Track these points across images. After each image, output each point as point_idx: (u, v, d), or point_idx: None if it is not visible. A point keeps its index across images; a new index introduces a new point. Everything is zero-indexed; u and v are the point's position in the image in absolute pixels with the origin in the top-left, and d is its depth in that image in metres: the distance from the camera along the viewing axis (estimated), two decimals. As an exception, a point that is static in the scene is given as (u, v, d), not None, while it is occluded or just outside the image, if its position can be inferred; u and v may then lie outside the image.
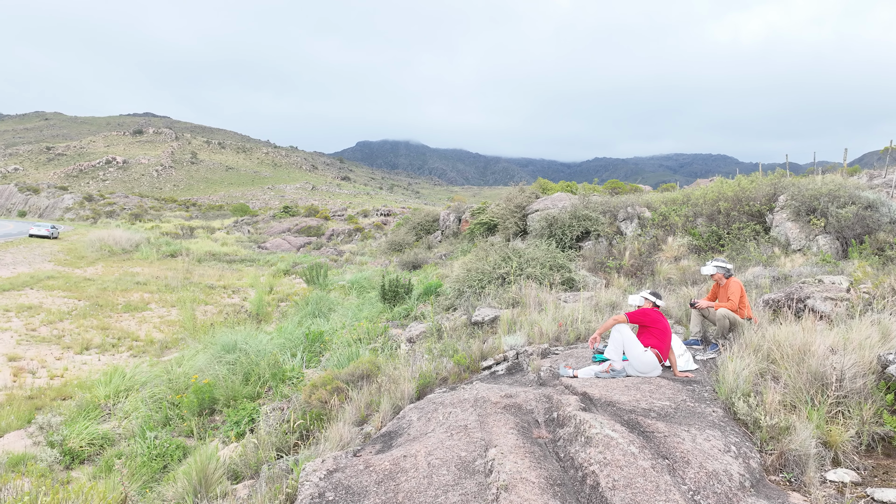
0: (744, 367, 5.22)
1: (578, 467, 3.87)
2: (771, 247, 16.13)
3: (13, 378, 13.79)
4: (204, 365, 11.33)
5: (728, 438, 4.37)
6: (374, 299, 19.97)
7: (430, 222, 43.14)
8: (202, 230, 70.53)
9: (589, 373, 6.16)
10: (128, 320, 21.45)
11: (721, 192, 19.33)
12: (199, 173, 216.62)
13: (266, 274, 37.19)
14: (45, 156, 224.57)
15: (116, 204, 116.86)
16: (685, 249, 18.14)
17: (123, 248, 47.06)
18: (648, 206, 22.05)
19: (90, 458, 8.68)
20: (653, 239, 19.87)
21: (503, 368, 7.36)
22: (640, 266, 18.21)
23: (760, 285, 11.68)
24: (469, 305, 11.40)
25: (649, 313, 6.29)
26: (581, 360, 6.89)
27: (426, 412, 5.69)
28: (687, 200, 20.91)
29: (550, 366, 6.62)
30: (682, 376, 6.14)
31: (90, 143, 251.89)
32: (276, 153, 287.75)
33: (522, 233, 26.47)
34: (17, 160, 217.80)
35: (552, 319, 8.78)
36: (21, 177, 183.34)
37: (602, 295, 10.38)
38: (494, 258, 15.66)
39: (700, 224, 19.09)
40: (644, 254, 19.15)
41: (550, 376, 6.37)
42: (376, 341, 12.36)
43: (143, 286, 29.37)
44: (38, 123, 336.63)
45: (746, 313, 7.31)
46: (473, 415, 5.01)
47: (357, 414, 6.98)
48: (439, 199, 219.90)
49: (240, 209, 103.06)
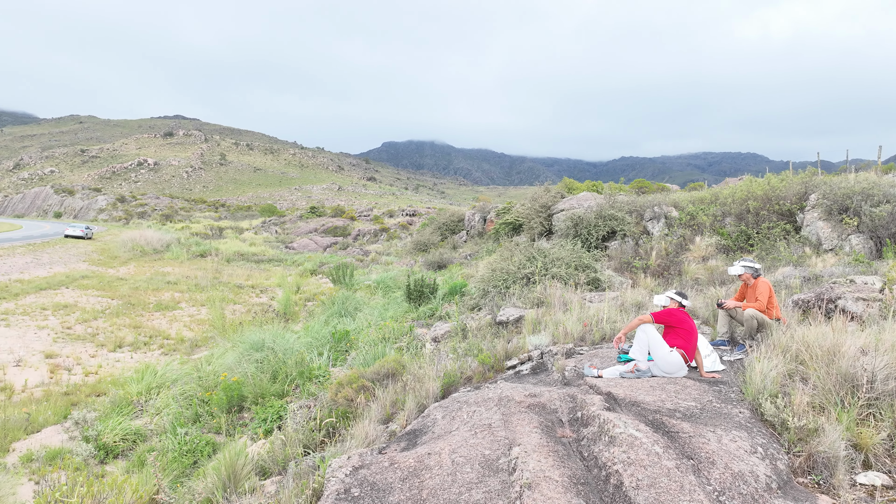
0: (771, 368, 5.16)
1: (602, 466, 3.88)
2: (801, 247, 15.84)
3: (50, 374, 14.18)
4: (233, 363, 11.53)
5: (755, 439, 4.33)
6: (399, 299, 20.09)
7: (456, 222, 43.20)
8: (231, 230, 71.61)
9: (614, 373, 6.14)
10: (159, 319, 21.89)
11: (750, 190, 19.02)
12: (227, 174, 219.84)
13: (293, 274, 37.61)
14: (80, 158, 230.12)
15: (148, 205, 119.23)
16: (713, 249, 17.90)
17: (154, 249, 48.02)
18: (675, 205, 21.80)
19: (123, 453, 8.90)
20: (680, 239, 19.64)
21: (528, 368, 7.37)
22: (667, 266, 18.02)
23: (790, 286, 11.49)
24: (494, 305, 11.41)
25: (675, 313, 6.24)
26: (606, 361, 6.87)
27: (450, 411, 5.73)
28: (715, 199, 20.62)
29: (575, 366, 6.61)
30: (709, 377, 6.08)
31: (122, 145, 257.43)
32: (303, 154, 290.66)
33: (548, 233, 26.37)
34: (53, 163, 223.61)
35: (577, 319, 8.75)
36: (57, 179, 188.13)
37: (628, 295, 10.31)
38: (519, 258, 15.64)
39: (728, 223, 18.82)
40: (671, 254, 18.95)
41: (575, 376, 6.37)
42: (401, 340, 12.44)
43: (173, 286, 29.94)
44: (73, 127, 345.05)
45: (775, 314, 7.21)
46: (497, 413, 5.04)
47: (382, 412, 7.05)
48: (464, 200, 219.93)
49: (267, 210, 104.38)
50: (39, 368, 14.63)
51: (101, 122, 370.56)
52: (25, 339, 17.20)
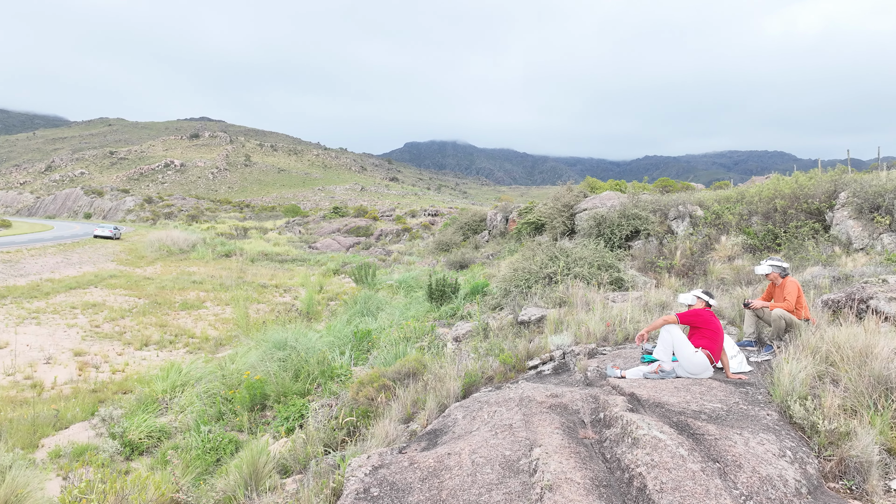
0: (800, 370, 5.01)
1: (625, 469, 3.80)
2: (831, 246, 15.50)
3: (79, 372, 14.44)
4: (256, 361, 11.62)
5: (783, 442, 4.21)
6: (421, 299, 20.09)
7: (478, 222, 43.10)
8: (255, 231, 72.39)
9: (637, 373, 6.03)
10: (184, 318, 22.18)
11: (777, 189, 18.66)
12: (252, 175, 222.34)
13: (316, 273, 37.88)
14: (109, 160, 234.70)
15: (174, 206, 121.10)
16: (739, 249, 17.61)
17: (181, 249, 48.73)
18: (701, 204, 21.48)
19: (149, 450, 9.02)
20: (705, 238, 19.35)
21: (549, 368, 7.29)
22: (692, 266, 17.77)
23: (819, 285, 11.24)
24: (515, 305, 11.33)
25: (701, 314, 6.10)
26: (629, 361, 6.75)
27: (471, 411, 5.69)
28: (741, 198, 20.27)
29: (598, 366, 6.52)
30: (735, 378, 5.94)
31: (150, 147, 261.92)
32: (326, 155, 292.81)
33: (570, 232, 26.17)
34: (83, 164, 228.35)
35: (599, 319, 8.64)
36: (87, 180, 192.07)
37: (651, 295, 10.16)
38: (541, 258, 15.53)
39: (755, 223, 18.49)
40: (696, 253, 18.67)
41: (597, 377, 6.27)
42: (423, 340, 12.42)
43: (198, 285, 30.34)
44: (103, 129, 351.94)
45: (804, 314, 7.02)
46: (518, 414, 4.98)
47: (403, 411, 7.03)
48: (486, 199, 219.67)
49: (291, 210, 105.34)
50: (68, 366, 14.91)
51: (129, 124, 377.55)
52: (55, 338, 17.55)
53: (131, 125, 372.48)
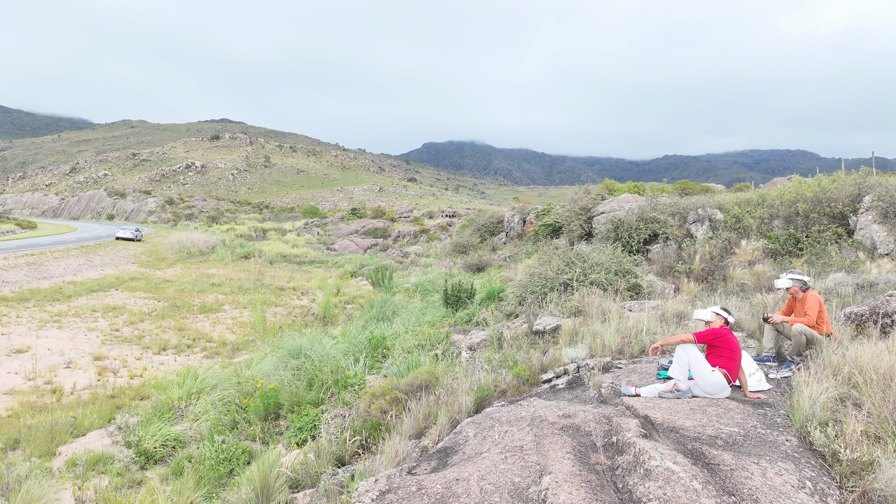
0: (821, 392, 4.84)
1: (637, 502, 3.70)
2: (854, 251, 15.16)
3: (98, 377, 14.60)
4: (270, 369, 11.64)
5: (803, 472, 4.07)
6: (437, 303, 20.03)
7: (495, 224, 42.93)
8: (274, 232, 72.94)
9: (652, 391, 5.89)
10: (202, 321, 22.36)
11: (799, 192, 18.30)
12: (271, 176, 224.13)
13: (334, 276, 38.01)
14: (132, 161, 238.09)
15: (195, 207, 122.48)
16: (760, 253, 17.31)
17: (200, 250, 49.21)
18: (720, 207, 21.15)
19: (163, 459, 9.07)
20: (725, 242, 19.05)
21: (563, 382, 7.18)
22: (712, 271, 17.51)
23: (842, 294, 10.98)
24: (531, 314, 11.23)
25: (719, 333, 5.92)
26: (644, 377, 6.62)
27: (483, 428, 5.61)
28: (762, 201, 19.92)
29: (612, 382, 6.39)
30: (753, 397, 5.78)
31: (171, 148, 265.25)
32: (345, 156, 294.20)
33: (587, 235, 25.93)
34: (106, 166, 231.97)
35: (615, 331, 8.51)
36: (110, 182, 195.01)
37: (669, 305, 9.99)
38: (558, 263, 15.39)
39: (776, 226, 18.17)
40: (715, 258, 18.40)
41: (612, 394, 6.15)
42: (437, 347, 12.36)
43: (217, 288, 30.59)
44: (126, 131, 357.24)
45: (825, 329, 6.83)
46: (530, 435, 4.89)
47: (415, 426, 6.97)
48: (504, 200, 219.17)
49: (310, 211, 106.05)
50: (88, 371, 15.09)
51: (151, 126, 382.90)
52: (76, 342, 17.78)
53: (153, 127, 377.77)
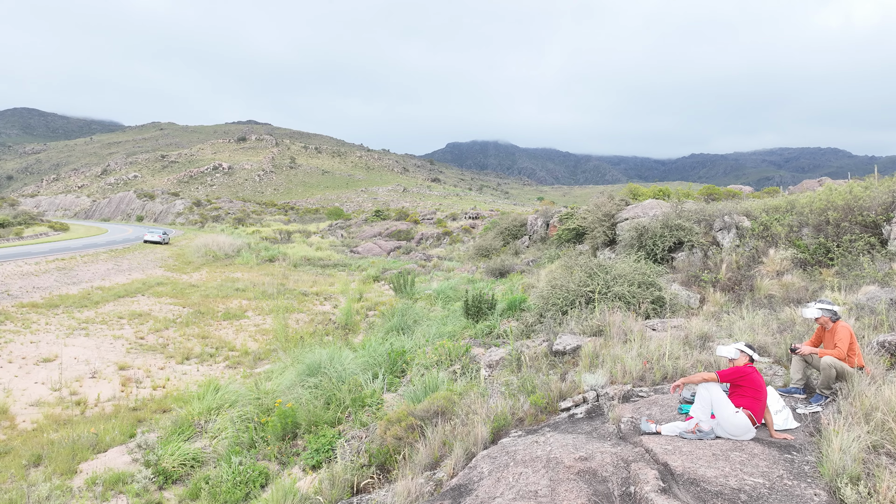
0: (852, 441, 4.61)
1: (653, 568, 3.54)
2: (889, 262, 14.66)
3: (121, 388, 14.77)
4: (289, 384, 11.65)
5: (831, 532, 3.87)
6: (458, 312, 19.92)
7: (518, 227, 42.69)
8: (299, 234, 73.56)
9: (673, 430, 5.69)
10: (226, 328, 22.55)
11: (830, 200, 17.76)
12: (297, 177, 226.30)
13: (356, 280, 38.14)
14: (160, 163, 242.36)
15: (222, 208, 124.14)
16: (789, 263, 16.84)
17: (226, 254, 49.78)
18: (748, 214, 20.65)
19: (181, 479, 9.09)
20: (752, 251, 18.60)
21: (582, 412, 7.01)
22: (739, 280, 17.12)
23: (876, 310, 10.59)
24: (551, 331, 11.06)
25: (744, 371, 5.68)
26: (665, 410, 6.41)
27: (498, 465, 5.48)
28: (791, 208, 19.39)
29: (632, 417, 6.20)
30: (780, 437, 5.55)
31: (199, 150, 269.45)
32: (369, 156, 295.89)
33: (611, 242, 25.60)
34: (136, 168, 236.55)
35: (637, 355, 8.30)
36: (140, 183, 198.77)
37: (693, 325, 9.73)
38: (580, 275, 15.17)
39: (806, 235, 17.67)
40: (742, 267, 17.97)
41: (631, 429, 5.96)
42: (457, 363, 12.25)
43: (241, 293, 30.87)
44: (155, 133, 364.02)
45: (857, 362, 6.54)
46: (545, 479, 4.75)
47: (430, 455, 6.87)
48: (528, 200, 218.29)
49: (334, 213, 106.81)
50: (112, 381, 15.27)
51: (179, 128, 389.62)
52: (101, 350, 18.04)
53: (181, 129, 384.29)
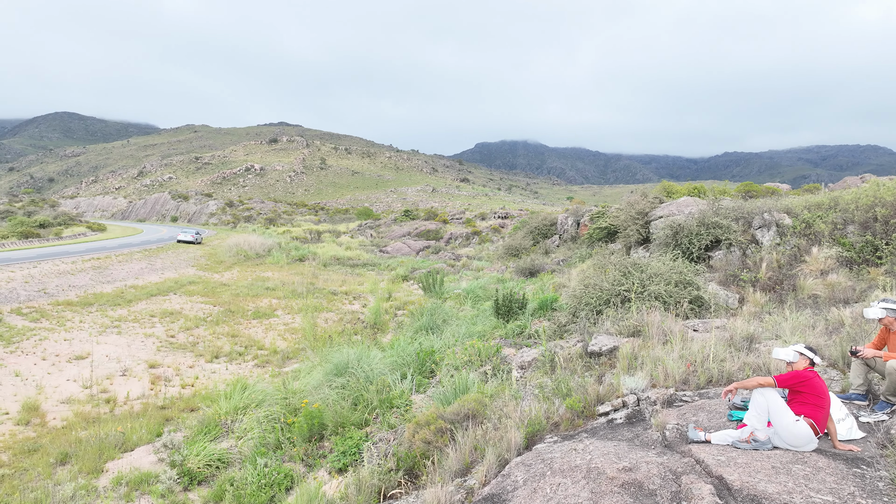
0: (931, 455, 4.16)
1: None
2: (945, 262, 13.89)
3: (151, 386, 14.77)
4: (316, 384, 11.44)
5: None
6: (488, 311, 19.55)
7: (548, 226, 42.10)
8: (328, 234, 73.91)
9: (725, 438, 5.25)
10: (255, 327, 22.55)
11: (877, 195, 16.93)
12: (327, 178, 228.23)
13: (385, 279, 38.01)
14: (194, 165, 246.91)
15: (253, 209, 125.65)
16: (833, 262, 16.08)
17: (257, 253, 50.17)
18: (788, 211, 19.85)
19: (206, 480, 8.93)
20: (794, 249, 17.85)
21: (622, 416, 6.61)
22: (780, 280, 16.42)
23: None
24: (585, 331, 10.64)
25: (804, 376, 5.20)
26: (713, 416, 5.97)
27: (533, 474, 5.13)
28: (834, 205, 18.56)
29: (678, 423, 5.78)
30: (845, 449, 5.08)
31: (232, 152, 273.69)
32: (398, 157, 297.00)
33: (644, 241, 24.94)
34: (171, 170, 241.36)
35: (679, 357, 7.84)
36: (174, 185, 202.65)
37: (738, 325, 9.22)
38: (614, 274, 14.68)
39: (851, 233, 16.87)
40: (784, 266, 17.24)
41: (677, 437, 5.55)
42: (487, 363, 11.90)
43: (271, 292, 30.94)
44: (189, 136, 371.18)
45: (927, 366, 6.02)
46: (586, 490, 4.38)
47: (460, 460, 6.54)
48: (558, 199, 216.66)
49: (364, 213, 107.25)
50: (142, 379, 15.29)
51: (213, 130, 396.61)
52: (132, 348, 18.13)
53: (215, 131, 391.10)
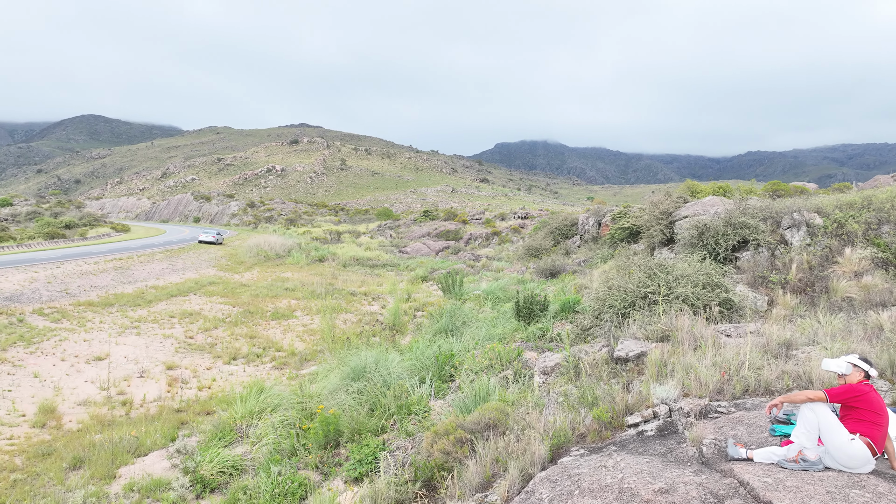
0: None
1: None
2: None
3: (167, 388, 14.64)
4: (333, 389, 11.17)
5: None
6: (508, 313, 19.17)
7: (569, 226, 41.54)
8: (348, 234, 73.96)
9: (769, 456, 4.84)
10: (274, 328, 22.41)
11: (915, 194, 16.30)
12: (347, 179, 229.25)
13: (405, 280, 37.77)
14: (217, 166, 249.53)
15: (274, 210, 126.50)
16: (868, 263, 15.46)
17: (277, 254, 50.29)
18: (818, 210, 19.18)
19: (219, 488, 8.70)
20: (825, 250, 17.23)
21: (653, 428, 6.22)
22: (811, 281, 15.84)
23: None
24: (610, 335, 10.24)
25: (860, 391, 4.71)
26: (753, 430, 5.56)
27: (560, 493, 4.78)
28: (868, 204, 17.90)
29: (715, 438, 5.38)
30: (903, 470, 4.65)
31: (253, 153, 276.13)
32: (418, 157, 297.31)
33: (669, 241, 24.37)
34: (193, 171, 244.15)
35: (711, 364, 7.42)
36: (197, 186, 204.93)
37: (774, 331, 8.75)
38: (638, 275, 14.22)
39: (886, 233, 16.24)
40: (815, 267, 16.63)
41: (715, 453, 5.15)
42: (508, 368, 11.55)
43: (291, 292, 30.85)
44: (211, 137, 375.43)
45: None
46: (617, 513, 4.03)
47: (482, 474, 6.20)
48: (578, 200, 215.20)
49: (383, 213, 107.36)
50: (159, 381, 15.18)
51: (234, 132, 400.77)
52: (150, 350, 18.06)
53: (237, 133, 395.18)
